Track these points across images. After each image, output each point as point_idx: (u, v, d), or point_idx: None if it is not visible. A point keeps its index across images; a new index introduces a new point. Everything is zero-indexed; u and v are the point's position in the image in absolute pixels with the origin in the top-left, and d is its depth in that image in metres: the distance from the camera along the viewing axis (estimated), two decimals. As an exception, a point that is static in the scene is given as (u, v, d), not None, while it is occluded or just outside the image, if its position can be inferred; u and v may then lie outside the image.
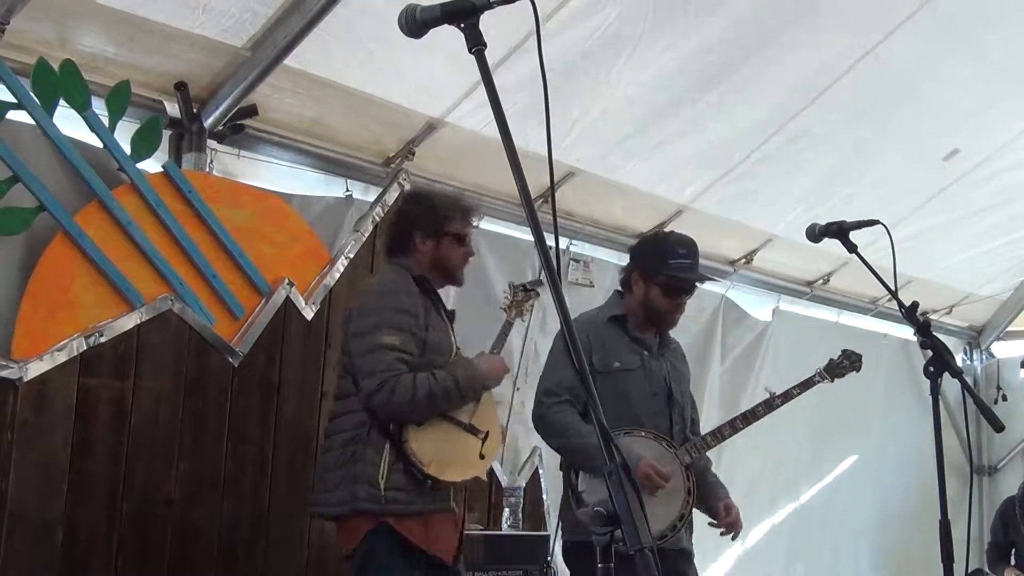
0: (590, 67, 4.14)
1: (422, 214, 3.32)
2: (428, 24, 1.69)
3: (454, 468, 3.14)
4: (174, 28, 3.33)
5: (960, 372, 2.82)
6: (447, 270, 3.33)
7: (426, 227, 3.29)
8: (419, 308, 3.17)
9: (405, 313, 3.13)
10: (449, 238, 3.29)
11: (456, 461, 3.15)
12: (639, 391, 3.52)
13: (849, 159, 5.32)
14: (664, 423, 3.53)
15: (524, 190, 1.56)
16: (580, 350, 1.50)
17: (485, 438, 3.21)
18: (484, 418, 3.24)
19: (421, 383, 3.04)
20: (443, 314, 3.31)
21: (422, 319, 3.16)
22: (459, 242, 3.32)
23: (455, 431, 3.17)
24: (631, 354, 3.57)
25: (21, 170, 3.15)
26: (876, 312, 6.73)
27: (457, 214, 3.32)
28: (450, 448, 3.14)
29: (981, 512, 7.30)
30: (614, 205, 5.03)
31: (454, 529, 3.24)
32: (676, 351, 3.79)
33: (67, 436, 3.26)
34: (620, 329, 3.60)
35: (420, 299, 3.20)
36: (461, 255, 3.33)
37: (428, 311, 3.20)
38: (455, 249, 3.31)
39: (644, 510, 1.40)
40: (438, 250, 3.30)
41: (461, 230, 3.32)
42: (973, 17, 4.54)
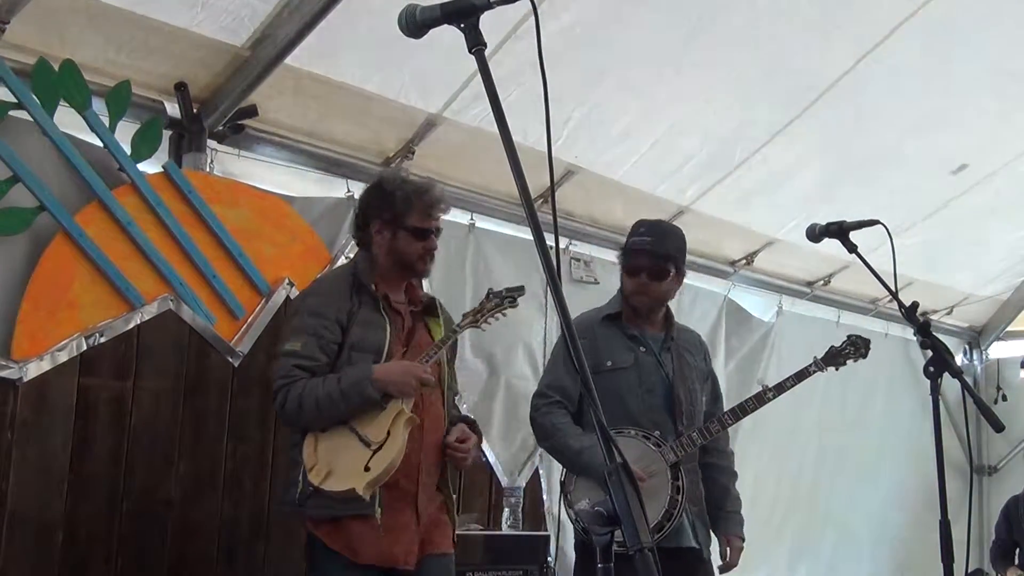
0: (587, 59, 4.12)
1: (379, 204, 3.17)
2: (428, 24, 1.69)
3: (334, 478, 2.92)
4: (173, 26, 3.32)
5: (960, 372, 2.82)
6: (404, 263, 3.17)
7: (383, 217, 3.14)
8: (338, 310, 3.04)
9: (316, 316, 3.02)
10: (405, 231, 3.13)
11: (339, 471, 2.92)
12: (632, 389, 3.50)
13: (852, 163, 5.32)
14: (663, 419, 3.49)
15: (524, 190, 1.56)
16: (580, 350, 1.50)
17: (378, 449, 2.92)
18: (382, 428, 2.94)
19: (310, 391, 2.92)
20: (384, 311, 3.10)
21: (339, 321, 3.02)
22: (417, 235, 3.14)
23: (349, 439, 2.95)
24: (625, 352, 3.55)
25: (21, 170, 3.15)
26: (876, 312, 6.73)
27: (416, 206, 3.13)
28: (337, 456, 2.94)
29: (981, 512, 7.30)
30: (614, 205, 5.03)
31: (392, 535, 2.97)
32: (689, 342, 3.72)
33: (67, 436, 3.27)
34: (615, 327, 3.60)
35: (348, 300, 3.07)
36: (419, 249, 3.15)
37: (356, 311, 3.06)
38: (412, 243, 3.14)
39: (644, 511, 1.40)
40: (394, 242, 3.14)
41: (419, 223, 3.13)
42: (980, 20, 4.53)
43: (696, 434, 3.46)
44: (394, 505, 2.97)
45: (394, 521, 2.97)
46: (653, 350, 3.59)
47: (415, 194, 3.14)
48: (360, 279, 3.13)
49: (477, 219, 4.63)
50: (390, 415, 2.95)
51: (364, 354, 3.00)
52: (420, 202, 3.13)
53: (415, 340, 3.18)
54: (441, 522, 3.17)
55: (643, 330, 3.62)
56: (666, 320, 3.69)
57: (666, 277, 3.56)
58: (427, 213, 3.14)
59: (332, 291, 3.09)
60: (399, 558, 2.97)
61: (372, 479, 2.87)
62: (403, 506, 3.01)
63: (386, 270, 3.17)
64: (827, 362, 3.67)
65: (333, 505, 2.91)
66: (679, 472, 3.41)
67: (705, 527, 3.56)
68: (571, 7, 3.81)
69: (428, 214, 3.14)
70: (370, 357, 3.00)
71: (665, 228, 3.69)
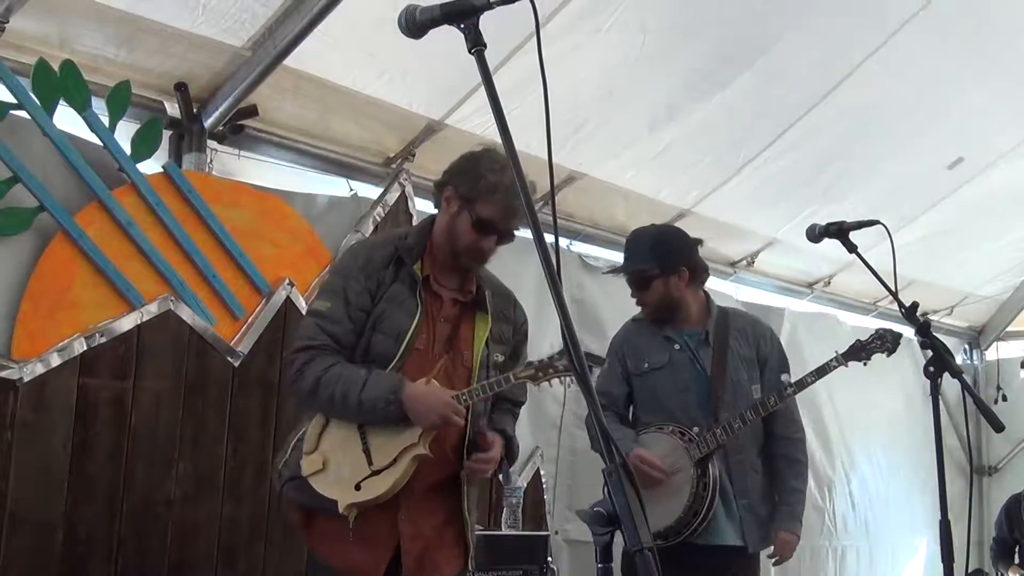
0: (592, 73, 4.14)
1: (464, 172, 2.85)
2: (428, 24, 1.68)
3: (323, 477, 2.72)
4: (174, 28, 3.33)
5: (960, 372, 2.82)
6: (453, 246, 2.84)
7: (460, 187, 2.83)
8: (371, 278, 2.79)
9: (348, 276, 2.79)
10: (471, 216, 2.80)
11: (330, 473, 2.72)
12: (668, 387, 3.58)
13: (853, 166, 5.32)
14: (699, 415, 3.51)
15: (524, 189, 1.56)
16: (580, 349, 1.50)
17: (377, 472, 2.69)
18: (390, 452, 2.70)
19: (330, 381, 2.68)
20: (419, 295, 2.80)
21: (369, 289, 2.77)
22: (479, 228, 2.80)
23: (355, 444, 2.73)
24: (660, 352, 3.63)
25: (21, 170, 3.15)
26: (877, 313, 6.73)
27: (499, 200, 2.78)
28: (336, 456, 2.73)
29: (981, 512, 7.30)
30: (616, 209, 5.03)
31: (360, 544, 2.72)
32: (740, 329, 3.68)
33: (67, 436, 3.26)
34: (650, 328, 3.68)
35: (385, 269, 2.81)
36: (473, 240, 2.82)
37: (388, 285, 2.80)
38: (470, 232, 2.81)
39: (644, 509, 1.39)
40: (457, 218, 2.83)
41: (489, 216, 2.79)
42: (977, 20, 4.53)
43: (720, 431, 3.45)
44: (370, 514, 2.72)
45: (367, 530, 2.72)
46: (689, 347, 3.62)
47: (503, 190, 2.77)
48: (402, 255, 2.84)
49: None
50: (404, 442, 2.69)
51: (382, 336, 2.75)
52: (504, 199, 2.77)
53: (458, 336, 2.86)
54: (446, 545, 2.85)
55: (679, 328, 3.65)
56: (707, 313, 3.68)
57: (650, 283, 3.60)
58: (504, 213, 2.79)
59: (371, 257, 2.83)
60: (363, 568, 2.73)
61: (358, 501, 2.68)
62: (380, 517, 2.73)
63: (439, 247, 2.88)
64: (849, 357, 3.56)
65: (311, 496, 2.73)
66: (707, 467, 3.42)
67: (758, 521, 3.52)
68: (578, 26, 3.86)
69: (504, 214, 2.79)
70: (389, 342, 2.75)
71: (637, 236, 3.72)
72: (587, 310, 4.85)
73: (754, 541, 3.51)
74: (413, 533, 2.76)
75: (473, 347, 2.86)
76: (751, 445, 3.58)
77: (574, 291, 4.87)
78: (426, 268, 2.86)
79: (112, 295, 3.36)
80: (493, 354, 2.88)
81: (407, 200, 4.25)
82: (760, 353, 3.67)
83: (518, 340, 3.02)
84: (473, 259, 2.86)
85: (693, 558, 3.37)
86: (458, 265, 2.87)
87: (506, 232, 2.84)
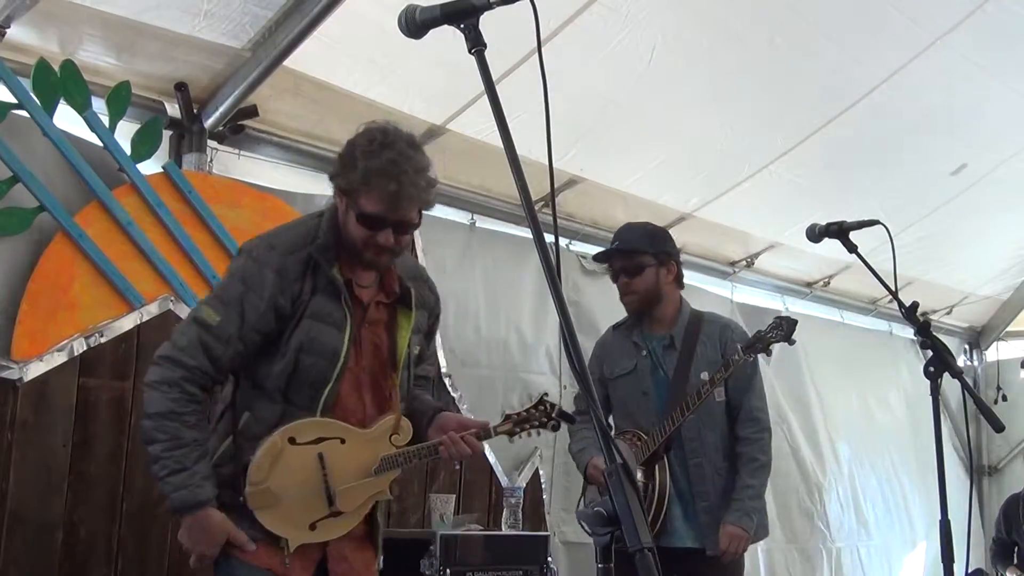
0: (596, 84, 4.14)
1: (342, 161, 2.53)
2: (428, 25, 1.68)
3: (272, 512, 2.46)
4: (175, 33, 3.32)
5: (960, 372, 2.82)
6: (352, 245, 2.50)
7: (339, 180, 2.51)
8: (284, 293, 2.44)
9: (251, 288, 2.43)
10: (355, 212, 2.46)
11: (282, 507, 2.46)
12: (631, 392, 3.60)
13: (857, 178, 5.32)
14: (659, 419, 3.49)
15: (524, 189, 1.55)
16: (580, 351, 1.50)
17: (335, 515, 2.51)
18: (357, 498, 2.53)
19: (163, 430, 2.37)
20: (346, 304, 2.50)
21: (277, 308, 2.44)
22: (366, 224, 2.45)
23: (315, 477, 2.48)
24: (628, 358, 3.65)
25: (21, 170, 3.15)
26: (876, 313, 6.73)
27: (375, 188, 2.41)
28: (290, 488, 2.46)
29: (981, 512, 7.30)
30: (616, 211, 5.04)
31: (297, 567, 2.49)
32: (708, 333, 3.62)
33: (67, 436, 3.27)
34: (622, 335, 3.70)
35: (299, 281, 2.46)
36: (367, 239, 2.46)
37: (308, 298, 2.47)
38: (359, 228, 2.46)
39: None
40: (346, 217, 2.49)
41: (372, 210, 2.43)
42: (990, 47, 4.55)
43: (657, 432, 3.44)
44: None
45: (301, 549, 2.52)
46: (655, 352, 3.63)
47: (378, 175, 2.41)
48: (318, 259, 2.49)
49: (478, 219, 4.63)
50: (373, 488, 2.55)
51: (315, 358, 2.46)
52: (381, 186, 2.41)
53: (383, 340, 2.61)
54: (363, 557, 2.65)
55: (646, 333, 3.65)
56: (677, 317, 3.65)
57: (643, 270, 3.57)
58: (387, 202, 2.42)
59: (283, 268, 2.45)
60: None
61: (310, 543, 2.49)
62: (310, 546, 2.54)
63: (347, 249, 2.53)
64: (750, 349, 3.46)
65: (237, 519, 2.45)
66: (654, 470, 3.43)
67: (717, 523, 3.46)
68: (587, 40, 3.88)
69: (388, 203, 2.43)
70: (323, 363, 2.47)
71: (632, 225, 3.74)
72: (583, 313, 4.85)
73: (713, 544, 3.44)
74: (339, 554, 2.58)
75: (398, 349, 2.61)
76: (714, 449, 3.54)
77: (570, 293, 4.87)
78: (344, 271, 2.52)
79: (112, 295, 3.36)
80: (413, 348, 2.66)
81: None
82: (727, 355, 3.55)
83: (431, 324, 2.78)
84: (376, 257, 2.50)
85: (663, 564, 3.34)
86: (366, 266, 2.55)
87: (399, 223, 2.47)
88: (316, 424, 2.50)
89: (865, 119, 4.77)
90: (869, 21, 4.26)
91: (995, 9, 4.28)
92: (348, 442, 2.53)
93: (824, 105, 4.71)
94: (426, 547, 3.70)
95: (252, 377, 2.53)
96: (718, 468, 3.53)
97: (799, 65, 4.41)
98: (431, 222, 4.45)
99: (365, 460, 2.54)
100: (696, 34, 4.09)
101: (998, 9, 4.29)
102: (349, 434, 2.54)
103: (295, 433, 2.49)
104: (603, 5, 3.78)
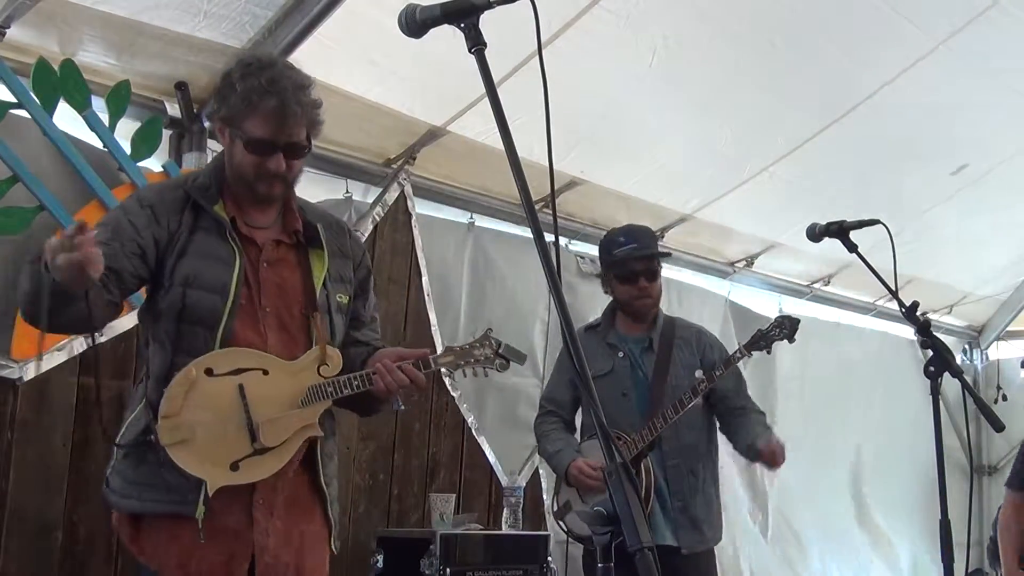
0: (597, 85, 4.14)
1: (219, 93, 2.42)
2: (428, 24, 1.68)
3: (188, 449, 2.22)
4: (175, 32, 3.32)
5: (960, 372, 2.82)
6: (243, 179, 2.38)
7: (220, 110, 2.40)
8: (160, 221, 2.31)
9: (128, 212, 2.33)
10: (240, 140, 2.35)
11: (199, 443, 2.23)
12: (610, 394, 3.57)
13: (857, 179, 5.31)
14: (639, 421, 3.51)
15: (524, 189, 1.55)
16: (580, 352, 1.49)
17: (260, 453, 2.27)
18: (281, 432, 2.30)
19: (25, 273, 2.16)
20: (232, 239, 2.35)
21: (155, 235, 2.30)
22: (254, 150, 2.33)
23: (235, 410, 2.27)
24: (605, 359, 3.64)
25: (21, 170, 3.15)
26: (876, 312, 6.73)
27: (259, 109, 2.31)
28: (207, 421, 2.24)
29: (981, 512, 7.29)
30: (617, 211, 5.04)
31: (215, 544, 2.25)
32: (684, 337, 3.69)
33: (67, 435, 3.27)
34: (596, 336, 3.70)
35: (176, 216, 2.33)
36: (256, 165, 2.34)
37: (187, 235, 2.33)
38: (246, 156, 2.34)
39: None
40: (232, 148, 2.38)
41: (259, 133, 2.32)
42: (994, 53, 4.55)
43: (645, 431, 3.46)
44: (219, 500, 2.24)
45: (219, 523, 2.26)
46: (632, 353, 3.65)
47: (260, 93, 2.31)
48: (195, 197, 2.37)
49: (477, 218, 4.63)
50: (300, 421, 2.33)
51: (202, 293, 2.30)
52: (263, 106, 2.31)
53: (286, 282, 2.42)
54: (310, 532, 2.40)
55: (623, 335, 3.68)
56: (656, 320, 3.71)
57: (659, 275, 3.67)
58: (273, 120, 2.32)
59: (159, 199, 2.36)
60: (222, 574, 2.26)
61: (232, 484, 2.24)
62: (231, 504, 2.28)
63: (234, 184, 2.42)
64: (751, 347, 3.55)
65: (138, 493, 2.27)
66: (640, 469, 3.45)
67: (692, 523, 3.53)
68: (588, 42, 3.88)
69: (274, 122, 2.32)
70: (213, 298, 2.30)
71: (642, 230, 3.76)
72: (576, 314, 4.83)
73: (687, 542, 3.50)
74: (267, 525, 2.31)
75: (313, 290, 2.43)
76: (692, 451, 3.59)
77: (565, 294, 4.83)
78: (229, 209, 2.40)
79: (112, 295, 3.36)
80: (335, 295, 2.47)
81: (406, 200, 4.26)
82: (706, 360, 3.65)
83: (361, 276, 2.59)
84: (269, 188, 2.37)
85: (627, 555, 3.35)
86: (260, 199, 2.41)
87: (289, 145, 2.35)
88: (234, 353, 2.31)
89: (866, 121, 4.77)
90: (870, 24, 4.26)
91: (997, 14, 4.28)
92: (271, 373, 2.33)
93: (824, 107, 4.71)
94: (426, 547, 3.71)
95: (148, 333, 2.38)
96: (694, 470, 3.59)
97: (799, 67, 4.41)
98: (430, 222, 4.47)
99: (291, 391, 2.34)
100: (697, 36, 4.10)
101: (1000, 14, 4.29)
102: (272, 364, 2.34)
103: (211, 363, 2.28)
104: (604, 7, 3.79)
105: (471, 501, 4.50)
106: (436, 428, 4.48)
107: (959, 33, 4.36)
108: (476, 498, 4.55)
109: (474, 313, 4.59)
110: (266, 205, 2.44)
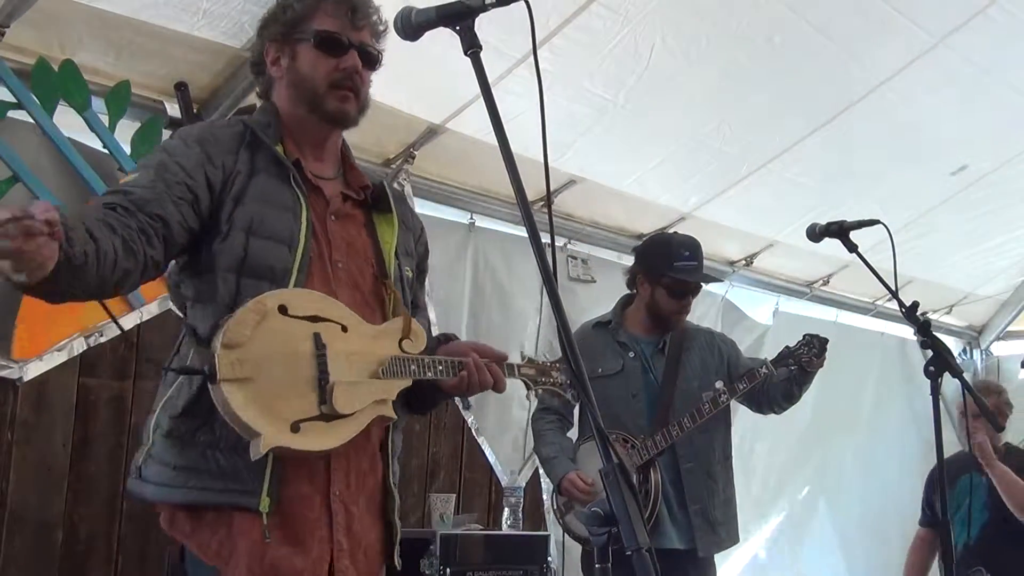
0: (595, 83, 4.15)
1: (272, 16, 2.14)
2: (423, 26, 1.68)
3: (247, 392, 1.80)
4: (173, 31, 3.33)
5: (961, 372, 2.83)
6: (310, 97, 2.08)
7: (276, 35, 2.11)
8: (214, 160, 1.96)
9: (174, 152, 1.95)
10: (308, 43, 2.05)
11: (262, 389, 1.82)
12: (618, 394, 3.55)
13: (857, 179, 5.32)
14: (647, 423, 3.49)
15: (520, 190, 1.56)
16: (578, 354, 1.50)
17: (327, 418, 1.86)
18: (355, 400, 1.91)
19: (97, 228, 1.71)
20: (297, 184, 2.02)
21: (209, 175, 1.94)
22: (326, 47, 2.05)
23: (307, 364, 1.87)
24: (614, 358, 3.60)
25: (21, 170, 3.15)
26: (875, 312, 6.73)
27: (328, 4, 2.07)
28: (270, 369, 1.83)
29: (981, 512, 7.28)
30: (616, 211, 5.04)
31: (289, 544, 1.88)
32: (697, 341, 3.67)
33: (67, 436, 3.27)
34: (606, 334, 3.66)
35: (233, 155, 1.99)
36: (331, 68, 2.06)
37: (247, 176, 1.99)
38: (320, 59, 2.06)
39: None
40: (295, 64, 2.08)
41: (328, 26, 2.06)
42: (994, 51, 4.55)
43: (660, 437, 3.43)
44: (292, 489, 1.90)
45: (293, 518, 1.90)
46: (643, 355, 3.62)
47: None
48: (257, 132, 2.04)
49: (477, 219, 4.64)
50: (376, 393, 1.95)
51: (268, 243, 1.95)
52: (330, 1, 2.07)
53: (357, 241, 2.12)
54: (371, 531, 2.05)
55: (635, 335, 3.65)
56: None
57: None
58: (344, 14, 2.07)
59: (212, 135, 2.01)
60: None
61: (288, 448, 1.82)
62: (309, 493, 1.93)
63: (295, 121, 2.11)
64: (779, 363, 3.51)
65: (185, 480, 1.89)
66: (648, 473, 3.43)
67: (710, 526, 3.49)
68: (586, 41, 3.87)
69: (346, 16, 2.07)
70: (280, 249, 1.95)
71: (699, 246, 3.71)
72: (570, 316, 4.85)
73: (705, 545, 3.47)
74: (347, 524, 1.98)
75: (385, 254, 2.13)
76: (707, 453, 3.55)
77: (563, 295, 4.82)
78: (291, 152, 2.08)
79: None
80: (404, 268, 2.17)
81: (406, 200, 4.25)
82: (723, 354, 3.66)
83: (420, 253, 2.30)
84: (343, 100, 2.09)
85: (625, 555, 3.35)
86: (326, 117, 2.11)
87: (362, 47, 2.08)
88: (314, 297, 1.95)
89: (865, 119, 4.77)
90: (869, 22, 4.26)
91: (997, 12, 4.28)
92: (351, 332, 1.96)
93: (823, 105, 4.71)
94: (426, 547, 3.71)
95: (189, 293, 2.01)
96: (711, 473, 3.56)
97: (798, 65, 4.40)
98: (430, 222, 4.46)
99: (371, 357, 1.97)
100: (695, 33, 4.09)
101: (999, 12, 4.29)
102: (352, 322, 1.97)
103: (287, 300, 1.89)
104: (602, 5, 3.78)
105: (471, 501, 4.50)
106: (436, 428, 4.49)
107: (959, 31, 4.36)
108: (476, 498, 4.55)
109: (476, 314, 4.59)
110: (335, 129, 2.15)
